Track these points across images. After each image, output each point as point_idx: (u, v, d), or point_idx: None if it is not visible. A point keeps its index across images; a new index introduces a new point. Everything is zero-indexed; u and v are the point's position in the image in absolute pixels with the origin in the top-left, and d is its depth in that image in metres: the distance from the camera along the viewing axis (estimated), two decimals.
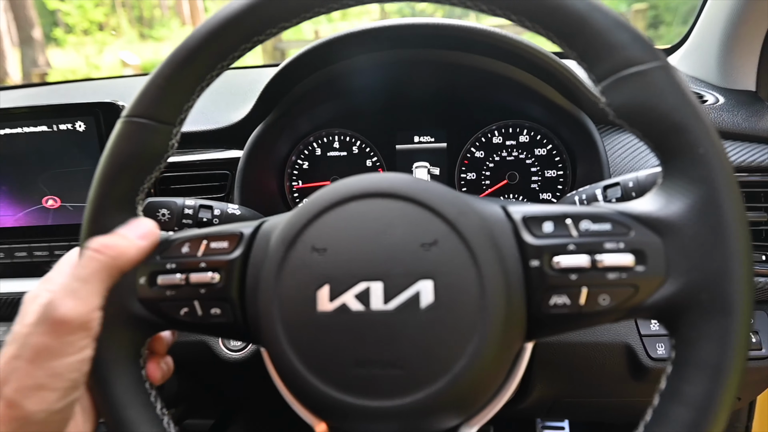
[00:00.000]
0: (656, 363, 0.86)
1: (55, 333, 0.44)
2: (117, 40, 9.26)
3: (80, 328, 0.45)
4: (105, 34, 10.03)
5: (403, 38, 0.92)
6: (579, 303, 0.44)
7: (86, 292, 0.46)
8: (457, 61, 0.94)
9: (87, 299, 0.46)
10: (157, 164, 0.53)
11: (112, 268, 0.48)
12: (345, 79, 0.97)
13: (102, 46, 9.69)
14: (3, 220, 0.98)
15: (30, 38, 7.43)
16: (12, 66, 5.70)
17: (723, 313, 0.41)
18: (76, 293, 0.46)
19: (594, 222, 0.45)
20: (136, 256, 0.50)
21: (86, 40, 9.44)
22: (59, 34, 10.03)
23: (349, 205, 0.48)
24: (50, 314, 0.44)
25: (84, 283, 0.47)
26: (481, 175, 1.05)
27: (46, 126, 0.93)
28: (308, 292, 0.46)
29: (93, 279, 0.47)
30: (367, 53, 0.94)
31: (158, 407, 0.51)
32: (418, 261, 0.45)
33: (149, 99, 0.51)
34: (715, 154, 0.42)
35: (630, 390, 0.92)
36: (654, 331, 0.87)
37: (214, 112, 1.07)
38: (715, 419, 0.40)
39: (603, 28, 0.44)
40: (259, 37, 0.50)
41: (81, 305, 0.45)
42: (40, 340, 0.44)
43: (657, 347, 0.86)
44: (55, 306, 0.45)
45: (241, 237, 0.51)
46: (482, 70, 0.94)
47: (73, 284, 0.46)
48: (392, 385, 0.44)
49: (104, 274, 0.48)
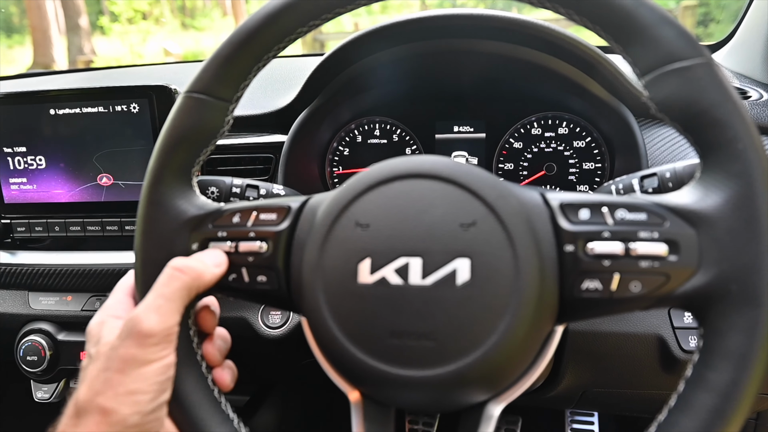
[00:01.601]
0: (688, 355, 0.85)
1: (141, 344, 0.48)
2: (160, 30, 9.40)
3: (163, 340, 0.49)
4: (149, 23, 10.19)
5: (444, 29, 0.93)
6: (610, 288, 0.45)
7: (168, 308, 0.50)
8: (498, 52, 0.94)
9: (169, 315, 0.49)
10: (213, 138, 0.56)
11: (191, 288, 0.51)
12: (386, 68, 0.99)
13: (145, 35, 9.86)
14: (59, 196, 1.03)
15: (77, 26, 7.59)
16: (59, 53, 5.83)
17: (752, 304, 0.42)
18: (159, 309, 0.49)
19: (630, 211, 0.46)
20: (211, 281, 0.53)
21: (130, 29, 9.60)
22: (104, 22, 10.22)
23: (392, 185, 0.50)
24: (136, 328, 0.48)
25: (167, 300, 0.50)
26: (519, 166, 1.06)
27: (103, 107, 0.97)
28: (350, 264, 0.48)
29: (175, 297, 0.50)
30: (408, 44, 0.95)
31: (208, 375, 0.54)
32: (457, 240, 0.46)
33: (209, 76, 0.54)
34: (753, 150, 0.43)
35: (660, 383, 0.91)
36: (687, 323, 0.86)
37: (261, 98, 1.10)
38: (739, 407, 0.41)
39: (649, 23, 0.45)
40: (315, 21, 0.53)
41: (164, 320, 0.49)
42: (127, 352, 0.48)
43: (690, 340, 0.85)
44: (140, 320, 0.48)
45: (288, 210, 0.54)
46: (523, 61, 0.94)
47: (157, 301, 0.49)
48: (425, 357, 0.46)
49: (184, 292, 0.51)
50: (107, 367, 0.48)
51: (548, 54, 0.93)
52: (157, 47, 9.07)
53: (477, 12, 0.88)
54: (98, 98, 0.97)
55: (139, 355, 0.48)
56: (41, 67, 4.89)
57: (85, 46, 7.83)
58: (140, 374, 0.48)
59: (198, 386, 0.52)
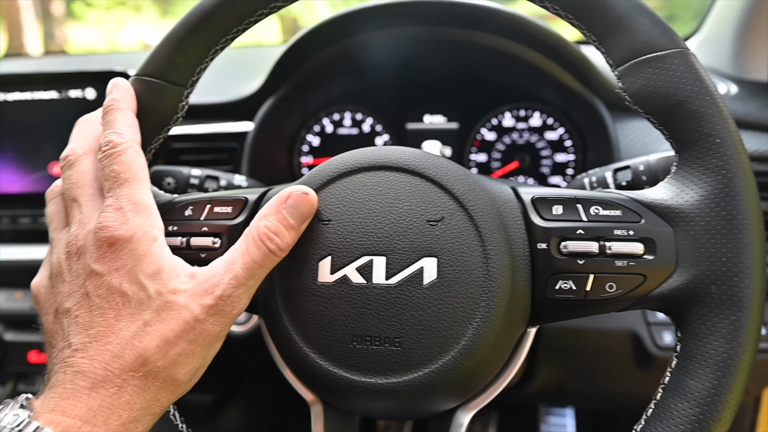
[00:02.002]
0: (662, 352, 0.85)
1: (226, 324, 0.45)
2: (137, 17, 9.28)
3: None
4: (126, 11, 10.06)
5: (417, 15, 0.91)
6: (585, 289, 0.44)
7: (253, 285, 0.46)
8: (471, 40, 0.93)
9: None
10: (165, 125, 0.53)
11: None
12: (357, 55, 0.97)
13: (122, 22, 9.72)
14: (8, 186, 0.99)
15: (49, 13, 7.45)
16: (32, 39, 5.73)
17: (733, 307, 0.40)
18: (249, 291, 0.45)
19: (604, 208, 0.45)
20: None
21: (106, 16, 9.46)
22: (79, 8, 10.05)
23: (356, 177, 0.47)
24: (228, 309, 0.44)
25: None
26: (491, 158, 1.05)
27: (57, 93, 0.93)
28: (310, 262, 0.46)
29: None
30: (380, 29, 0.93)
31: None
32: (424, 237, 0.44)
33: (161, 59, 0.51)
34: (731, 144, 0.41)
35: (635, 379, 0.91)
36: (661, 319, 0.86)
37: (226, 85, 1.07)
38: (720, 416, 0.39)
39: (623, 11, 0.44)
40: (277, 3, 0.50)
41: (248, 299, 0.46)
42: (214, 329, 0.44)
43: (664, 336, 0.85)
44: (235, 302, 0.44)
45: (245, 202, 0.51)
46: (496, 50, 0.93)
47: (249, 282, 0.45)
48: (389, 362, 0.44)
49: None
50: (192, 340, 0.43)
51: (520, 44, 0.92)
52: (135, 36, 8.96)
53: (450, 0, 0.87)
54: (50, 84, 0.93)
55: (222, 333, 0.45)
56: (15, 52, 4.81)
57: (56, 33, 7.70)
58: (211, 354, 0.45)
59: None
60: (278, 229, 0.45)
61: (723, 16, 1.11)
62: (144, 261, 0.44)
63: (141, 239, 0.44)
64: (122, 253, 0.44)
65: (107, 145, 0.47)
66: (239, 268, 0.44)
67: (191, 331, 0.43)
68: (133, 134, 0.49)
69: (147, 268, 0.44)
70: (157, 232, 0.46)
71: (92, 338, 0.42)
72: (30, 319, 0.99)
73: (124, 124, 0.49)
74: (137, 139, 0.49)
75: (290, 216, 0.45)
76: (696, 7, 1.28)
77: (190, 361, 0.43)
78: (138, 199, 0.46)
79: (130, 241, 0.44)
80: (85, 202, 0.47)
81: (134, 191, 0.46)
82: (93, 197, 0.48)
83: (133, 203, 0.46)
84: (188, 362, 0.43)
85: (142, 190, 0.47)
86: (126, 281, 0.43)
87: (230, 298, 0.44)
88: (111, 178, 0.46)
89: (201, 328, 0.43)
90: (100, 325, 0.43)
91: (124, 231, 0.44)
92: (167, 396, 0.44)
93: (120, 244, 0.44)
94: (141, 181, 0.47)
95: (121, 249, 0.44)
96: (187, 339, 0.43)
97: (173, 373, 0.43)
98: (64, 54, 1.85)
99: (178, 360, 0.43)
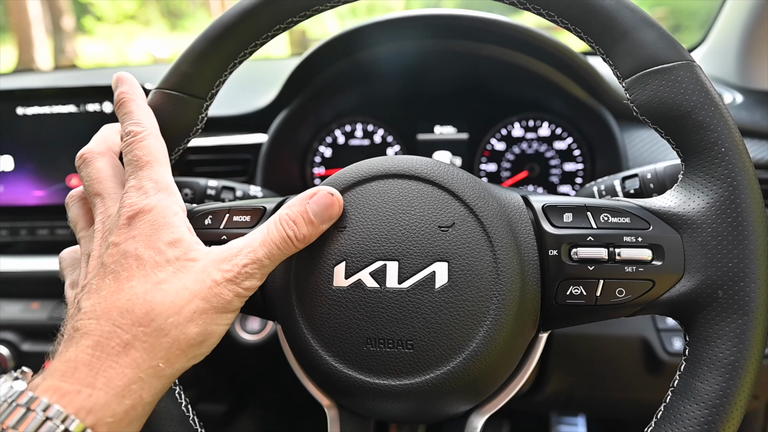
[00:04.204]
0: (672, 358, 0.85)
1: (240, 297, 0.45)
2: (147, 31, 9.34)
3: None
4: (136, 24, 10.12)
5: (426, 28, 0.92)
6: (595, 294, 0.44)
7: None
8: (480, 52, 0.94)
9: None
10: (185, 137, 0.54)
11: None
12: (368, 67, 0.98)
13: (131, 36, 9.78)
14: (26, 198, 1.01)
15: (59, 27, 7.52)
16: (42, 53, 5.76)
17: (740, 311, 0.41)
18: (263, 270, 0.46)
19: (613, 215, 0.45)
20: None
21: (115, 30, 9.53)
22: (89, 22, 10.12)
23: (370, 185, 0.49)
24: (240, 280, 0.44)
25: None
26: (501, 167, 1.06)
27: (75, 106, 0.95)
28: (325, 268, 0.47)
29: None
30: (390, 43, 0.95)
31: (176, 387, 0.51)
32: (435, 242, 0.45)
33: (182, 72, 0.52)
34: (736, 153, 0.42)
35: (646, 385, 0.91)
36: (671, 325, 0.86)
37: (240, 98, 1.08)
38: (729, 418, 0.40)
39: (630, 25, 0.45)
40: (293, 18, 0.51)
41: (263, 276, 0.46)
42: (228, 296, 0.44)
43: (674, 342, 0.85)
44: (248, 275, 0.44)
45: (263, 211, 0.52)
46: (504, 61, 0.94)
47: (264, 261, 0.45)
48: (402, 365, 0.44)
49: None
50: (207, 299, 0.43)
51: (528, 55, 0.93)
52: (144, 49, 9.00)
53: (457, 12, 0.88)
54: (68, 98, 0.95)
55: (235, 304, 0.45)
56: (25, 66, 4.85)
57: (67, 47, 7.76)
58: (227, 318, 0.45)
59: (166, 399, 0.50)
60: (297, 219, 0.46)
61: (728, 26, 1.12)
62: (164, 230, 0.44)
63: (162, 211, 0.45)
64: (141, 223, 0.44)
65: (128, 135, 0.48)
66: (258, 243, 0.45)
67: (207, 291, 0.43)
68: (150, 121, 0.50)
69: (166, 237, 0.44)
70: (178, 209, 0.47)
71: (102, 299, 0.42)
72: (47, 329, 1.00)
73: (141, 113, 0.50)
74: (155, 125, 0.50)
75: (311, 211, 0.46)
76: (702, 17, 1.29)
77: (204, 320, 0.43)
78: (159, 177, 0.47)
79: (150, 212, 0.45)
80: (108, 194, 0.48)
81: (155, 172, 0.47)
82: (115, 189, 0.48)
83: (154, 181, 0.46)
84: (202, 321, 0.43)
85: (163, 171, 0.48)
86: (142, 246, 0.43)
87: (245, 269, 0.44)
88: (133, 163, 0.47)
89: (217, 290, 0.43)
90: (110, 286, 0.42)
91: (144, 204, 0.45)
92: (178, 358, 0.42)
93: (140, 216, 0.44)
94: (162, 164, 0.48)
95: (140, 220, 0.44)
96: (202, 297, 0.43)
97: (186, 330, 0.42)
98: (74, 68, 1.87)
99: (193, 317, 0.42)
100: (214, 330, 0.44)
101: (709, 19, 1.19)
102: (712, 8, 1.18)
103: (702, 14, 1.34)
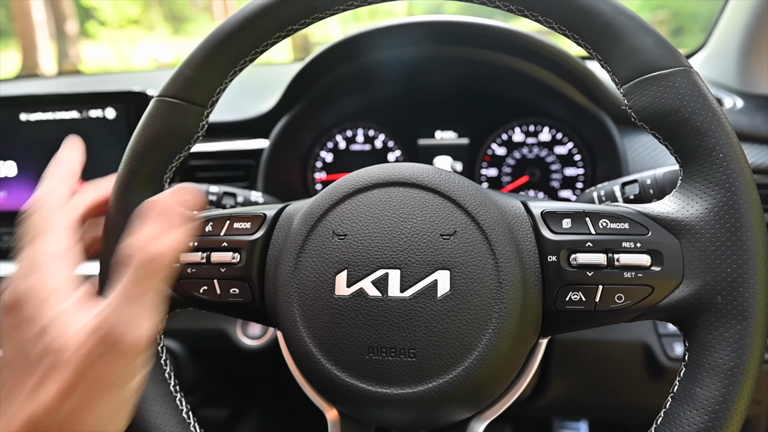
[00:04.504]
0: (674, 363, 0.85)
1: (128, 362, 0.39)
2: (149, 35, 9.37)
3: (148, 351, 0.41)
4: (138, 29, 10.16)
5: (426, 34, 0.93)
6: (594, 300, 0.45)
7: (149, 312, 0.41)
8: (480, 58, 0.94)
9: (153, 320, 0.41)
10: (186, 144, 0.54)
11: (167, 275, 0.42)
12: (368, 73, 0.99)
13: (134, 40, 9.82)
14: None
15: (63, 32, 7.54)
16: (46, 58, 5.78)
17: (739, 316, 0.41)
18: (139, 315, 0.39)
19: (612, 221, 0.46)
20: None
21: (119, 34, 9.57)
22: (92, 27, 10.16)
23: (371, 192, 0.49)
24: (119, 344, 0.38)
25: (144, 304, 0.40)
26: (502, 172, 1.06)
27: (77, 112, 0.96)
28: (327, 276, 0.47)
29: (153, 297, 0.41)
30: (391, 49, 0.95)
31: (176, 394, 0.51)
32: (437, 251, 0.45)
33: (182, 80, 0.52)
34: (734, 158, 0.42)
35: (647, 391, 0.91)
36: (672, 330, 0.86)
37: (241, 104, 1.09)
38: (728, 424, 0.40)
39: (627, 31, 0.45)
40: (294, 26, 0.51)
41: (151, 327, 0.40)
42: (105, 373, 0.38)
43: (675, 347, 0.85)
44: (122, 336, 0.38)
45: (264, 219, 0.52)
46: (504, 67, 0.94)
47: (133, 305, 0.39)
48: (404, 373, 0.44)
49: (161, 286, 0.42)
50: (83, 396, 0.38)
51: (527, 61, 0.93)
52: (146, 54, 9.03)
53: (457, 19, 0.88)
54: (71, 104, 0.95)
55: (122, 375, 0.39)
56: (29, 71, 4.87)
57: (71, 52, 7.78)
58: (118, 398, 0.39)
59: (167, 407, 0.50)
60: None
61: (728, 31, 1.12)
62: (31, 323, 0.39)
63: (29, 301, 0.40)
64: (12, 318, 0.40)
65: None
66: None
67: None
68: (49, 186, 0.48)
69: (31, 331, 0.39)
70: (48, 291, 0.40)
71: None
72: None
73: (46, 182, 0.48)
74: (53, 188, 0.48)
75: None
76: (703, 20, 1.30)
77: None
78: (37, 256, 0.42)
79: (18, 305, 0.40)
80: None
81: (35, 249, 0.42)
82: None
83: (30, 264, 0.41)
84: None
85: (43, 243, 0.43)
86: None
87: None
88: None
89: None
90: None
91: (10, 297, 0.41)
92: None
93: (14, 310, 0.40)
94: (47, 232, 0.43)
95: (12, 313, 0.40)
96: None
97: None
98: (78, 74, 1.88)
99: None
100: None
101: (711, 23, 1.19)
102: (714, 11, 1.18)
103: (703, 17, 1.35)
